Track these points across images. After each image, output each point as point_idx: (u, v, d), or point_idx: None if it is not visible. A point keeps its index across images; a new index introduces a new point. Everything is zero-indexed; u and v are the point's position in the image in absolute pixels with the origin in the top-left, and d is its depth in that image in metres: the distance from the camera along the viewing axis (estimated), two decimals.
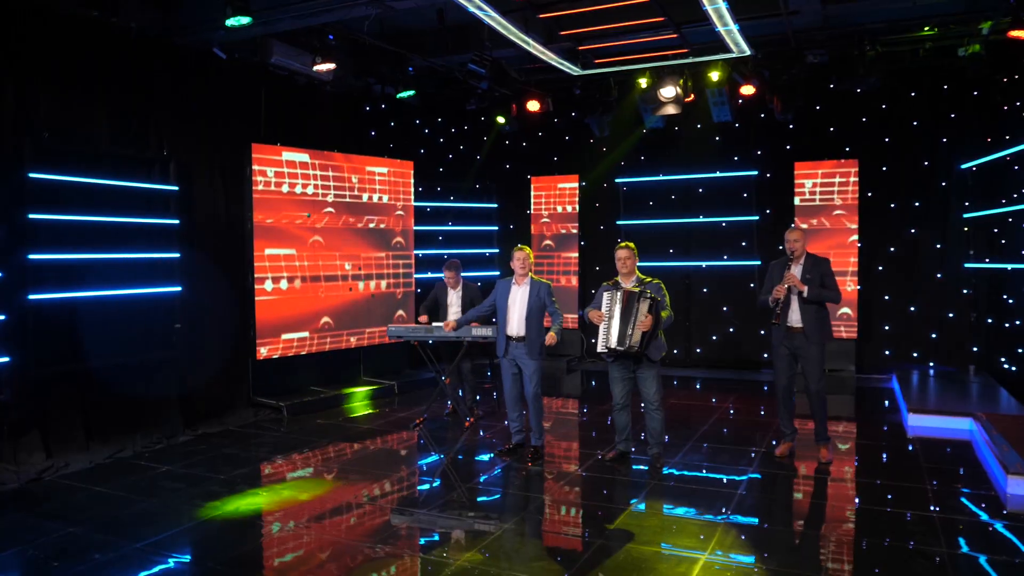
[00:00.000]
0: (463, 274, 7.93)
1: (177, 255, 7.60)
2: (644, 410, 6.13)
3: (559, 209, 11.61)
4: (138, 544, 4.59)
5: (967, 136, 9.83)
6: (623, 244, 6.08)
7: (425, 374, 9.67)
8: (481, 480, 5.96)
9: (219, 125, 8.20)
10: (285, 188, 8.65)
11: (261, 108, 8.74)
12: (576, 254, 11.51)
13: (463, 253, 10.67)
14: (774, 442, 6.74)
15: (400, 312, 9.99)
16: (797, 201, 10.19)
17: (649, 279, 6.03)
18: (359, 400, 8.85)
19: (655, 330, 5.81)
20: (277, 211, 8.55)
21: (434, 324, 7.43)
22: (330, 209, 9.15)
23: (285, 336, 8.54)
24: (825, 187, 10.06)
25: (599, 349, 5.98)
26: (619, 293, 5.89)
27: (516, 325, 6.26)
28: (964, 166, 9.92)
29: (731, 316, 11.14)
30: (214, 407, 7.94)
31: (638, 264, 6.12)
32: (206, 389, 7.86)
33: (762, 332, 10.87)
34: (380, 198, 9.86)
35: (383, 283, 9.84)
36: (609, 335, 5.92)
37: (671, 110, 9.30)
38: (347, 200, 9.38)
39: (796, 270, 6.17)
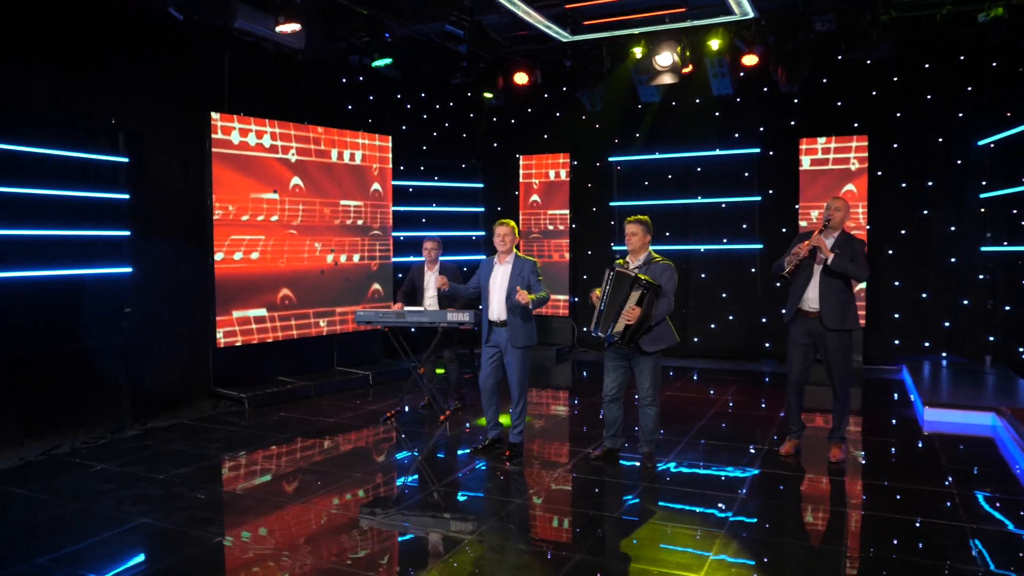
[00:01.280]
0: (444, 258, 7.28)
1: (127, 233, 6.94)
2: (637, 404, 5.51)
3: (549, 189, 10.94)
4: (43, 558, 3.96)
5: (985, 110, 9.17)
6: (632, 218, 5.44)
7: (405, 363, 9.01)
8: (447, 482, 5.32)
9: (176, 92, 7.53)
10: (249, 162, 7.98)
11: (224, 75, 8.07)
12: (567, 239, 10.82)
13: (448, 235, 10.01)
14: (774, 437, 6.11)
15: (376, 286, 9.32)
16: (806, 165, 9.51)
17: (658, 259, 5.37)
18: (330, 391, 8.22)
19: (643, 324, 5.16)
20: (239, 186, 7.89)
21: (408, 309, 6.79)
22: (297, 180, 8.47)
23: (239, 314, 7.86)
24: (835, 162, 9.38)
25: (592, 331, 5.37)
26: (611, 274, 5.26)
27: (497, 308, 5.63)
28: (981, 142, 9.26)
29: (731, 303, 10.50)
30: (170, 399, 7.30)
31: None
32: (161, 379, 7.22)
33: (764, 320, 10.24)
34: (354, 174, 9.19)
35: (355, 256, 9.15)
36: (595, 319, 5.31)
37: (668, 79, 8.63)
38: (318, 176, 8.71)
39: (828, 241, 5.52)
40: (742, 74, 9.69)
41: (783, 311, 5.79)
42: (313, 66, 9.27)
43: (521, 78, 10.06)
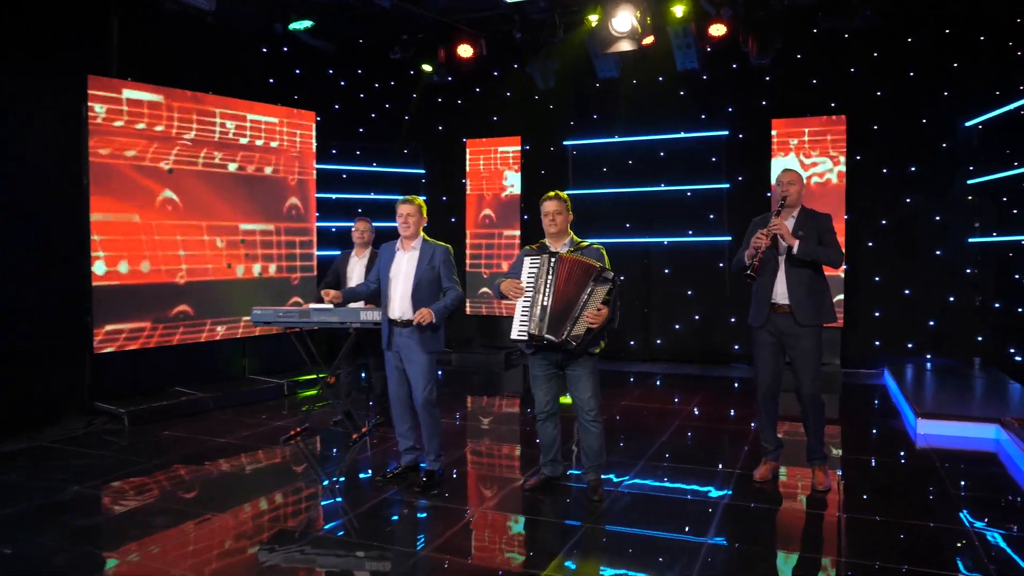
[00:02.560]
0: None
1: None
2: (577, 420, 4.49)
3: (499, 177, 9.88)
4: None
5: (972, 88, 8.33)
6: (552, 194, 4.44)
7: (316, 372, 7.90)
8: (339, 522, 4.24)
9: (48, 54, 6.35)
10: (135, 136, 6.81)
11: (111, 36, 6.91)
12: (518, 231, 9.76)
13: (390, 227, 8.91)
14: (745, 448, 5.13)
15: (295, 299, 8.19)
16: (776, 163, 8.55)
17: (586, 243, 4.40)
18: (234, 404, 7.09)
19: (606, 327, 4.18)
20: (120, 169, 6.72)
21: (314, 306, 5.69)
22: (193, 156, 7.33)
23: (112, 328, 6.70)
24: (810, 147, 8.44)
25: (514, 335, 4.30)
26: (552, 261, 4.23)
27: (399, 304, 4.57)
28: (968, 123, 8.42)
29: (697, 302, 9.55)
30: (35, 415, 6.12)
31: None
32: (18, 392, 6.04)
33: (732, 320, 9.30)
34: (269, 156, 8.05)
35: (271, 267, 8.02)
36: (532, 317, 4.26)
37: (626, 46, 7.64)
38: (221, 157, 7.57)
39: (787, 223, 4.57)
40: (709, 49, 8.74)
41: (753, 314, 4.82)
42: (229, 33, 8.15)
43: (465, 50, 9.03)
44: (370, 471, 5.10)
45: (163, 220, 6.99)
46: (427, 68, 9.19)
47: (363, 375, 6.21)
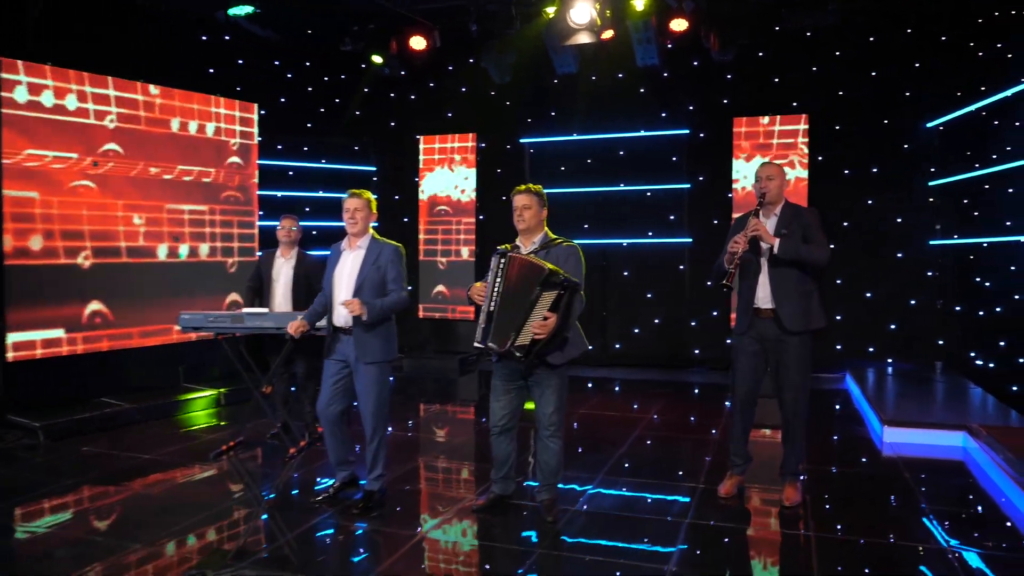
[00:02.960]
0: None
1: None
2: (535, 435, 4.15)
3: (453, 174, 9.49)
4: None
5: (934, 89, 8.21)
6: (523, 187, 4.09)
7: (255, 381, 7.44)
8: (263, 549, 3.84)
9: None
10: (52, 123, 6.30)
11: (28, 13, 6.39)
12: (473, 235, 9.39)
13: (339, 227, 8.49)
14: (708, 457, 4.85)
15: (234, 295, 7.70)
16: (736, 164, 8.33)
17: (559, 240, 4.03)
18: (165, 415, 6.59)
19: (556, 337, 3.78)
20: (38, 170, 6.21)
21: (248, 311, 5.27)
22: (113, 147, 6.81)
23: (16, 338, 6.15)
24: (772, 147, 8.24)
25: (475, 343, 3.96)
26: (502, 262, 3.88)
27: (343, 309, 4.17)
28: (930, 124, 8.31)
29: (657, 305, 9.28)
30: None
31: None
32: None
33: (693, 324, 9.07)
34: (206, 151, 7.57)
35: (203, 247, 7.49)
36: (479, 323, 3.92)
37: (584, 38, 7.34)
38: (147, 146, 7.06)
39: (769, 222, 4.28)
40: (670, 45, 8.50)
41: (733, 318, 4.52)
42: (165, 18, 7.65)
43: (418, 43, 8.64)
44: (306, 490, 4.69)
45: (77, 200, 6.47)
46: (377, 59, 8.77)
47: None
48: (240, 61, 8.76)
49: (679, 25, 7.91)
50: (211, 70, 8.38)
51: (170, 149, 7.16)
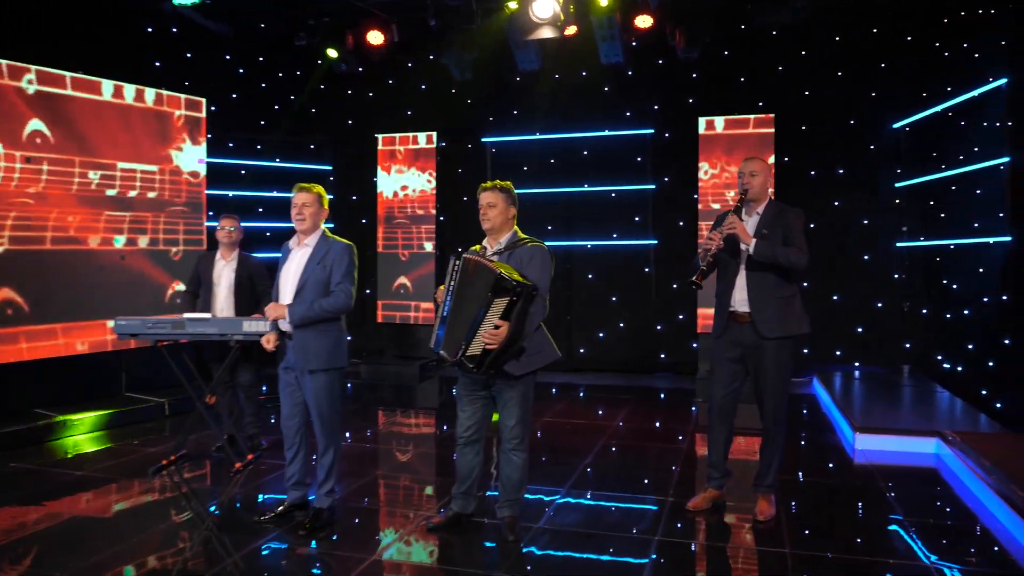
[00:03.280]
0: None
1: None
2: (499, 448, 3.89)
3: (412, 174, 9.18)
4: None
5: (900, 89, 8.15)
6: (489, 184, 3.82)
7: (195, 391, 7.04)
8: (206, 572, 3.51)
9: None
10: None
11: None
12: (432, 239, 9.09)
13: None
14: (675, 467, 4.63)
15: (178, 284, 7.27)
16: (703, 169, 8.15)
17: (526, 240, 3.76)
18: (103, 427, 6.19)
19: (511, 346, 3.51)
20: None
21: (189, 316, 4.91)
22: (40, 126, 6.40)
23: None
24: (738, 147, 8.08)
25: (431, 345, 3.71)
26: (457, 264, 3.62)
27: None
28: (896, 125, 8.25)
29: (621, 308, 9.09)
30: None
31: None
32: None
33: (659, 327, 8.88)
34: (148, 149, 7.17)
35: (142, 239, 7.05)
36: (434, 328, 3.66)
37: (548, 33, 7.12)
38: (82, 130, 6.65)
39: (750, 222, 4.06)
40: (635, 42, 8.34)
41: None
42: (107, 9, 7.24)
43: (375, 37, 8.37)
44: (252, 508, 4.36)
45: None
46: (332, 53, 8.45)
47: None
48: (189, 55, 8.37)
49: (644, 21, 7.75)
50: (157, 63, 7.98)
51: (108, 145, 6.74)
